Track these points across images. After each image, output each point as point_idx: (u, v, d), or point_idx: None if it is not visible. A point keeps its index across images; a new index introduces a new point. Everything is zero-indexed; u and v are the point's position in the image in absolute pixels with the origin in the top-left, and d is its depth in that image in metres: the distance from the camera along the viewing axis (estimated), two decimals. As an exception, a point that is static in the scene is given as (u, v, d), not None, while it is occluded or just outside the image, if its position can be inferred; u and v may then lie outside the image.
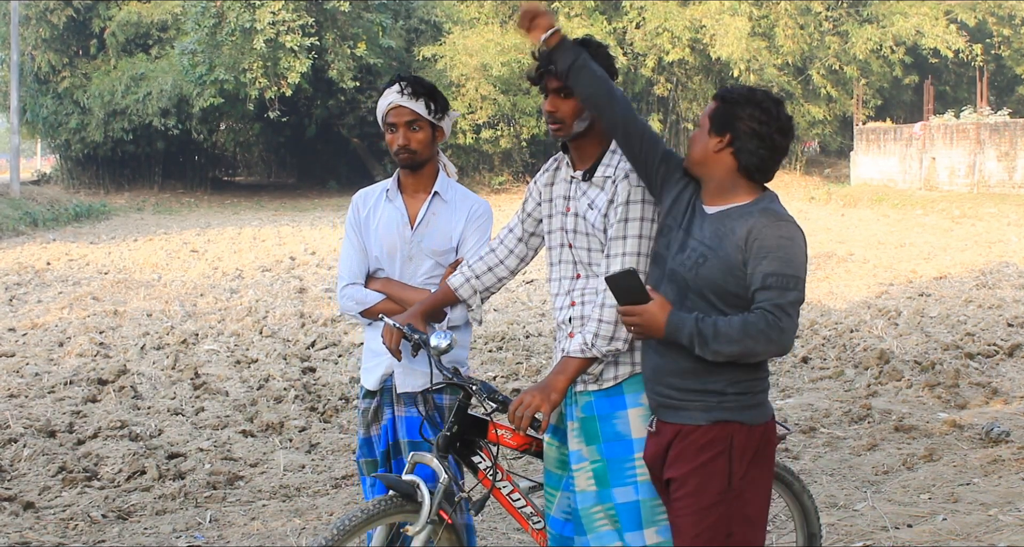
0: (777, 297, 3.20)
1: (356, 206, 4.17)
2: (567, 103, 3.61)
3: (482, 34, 35.89)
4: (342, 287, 4.10)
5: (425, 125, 4.00)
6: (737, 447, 3.31)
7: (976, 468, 6.37)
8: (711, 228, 3.31)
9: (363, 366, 4.18)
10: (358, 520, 3.51)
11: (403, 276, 4.08)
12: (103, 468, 6.61)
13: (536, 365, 9.39)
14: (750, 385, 3.33)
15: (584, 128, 3.64)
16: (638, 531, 3.51)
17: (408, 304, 3.99)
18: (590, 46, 3.62)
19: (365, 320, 4.11)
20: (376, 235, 4.09)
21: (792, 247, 3.23)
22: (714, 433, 3.31)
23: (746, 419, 3.33)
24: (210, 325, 11.70)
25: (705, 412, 3.32)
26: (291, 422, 7.67)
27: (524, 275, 15.55)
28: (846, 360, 9.53)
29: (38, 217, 26.20)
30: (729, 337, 3.20)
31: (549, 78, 3.60)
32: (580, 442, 3.60)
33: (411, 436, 3.99)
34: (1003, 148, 27.76)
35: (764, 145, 3.29)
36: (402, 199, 4.11)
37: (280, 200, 36.06)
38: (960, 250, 18.15)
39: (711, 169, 3.36)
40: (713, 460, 3.31)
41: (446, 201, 4.10)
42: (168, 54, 35.30)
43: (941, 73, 39.77)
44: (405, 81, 4.01)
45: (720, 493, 3.31)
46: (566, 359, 3.57)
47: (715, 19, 34.70)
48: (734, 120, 3.29)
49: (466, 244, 4.07)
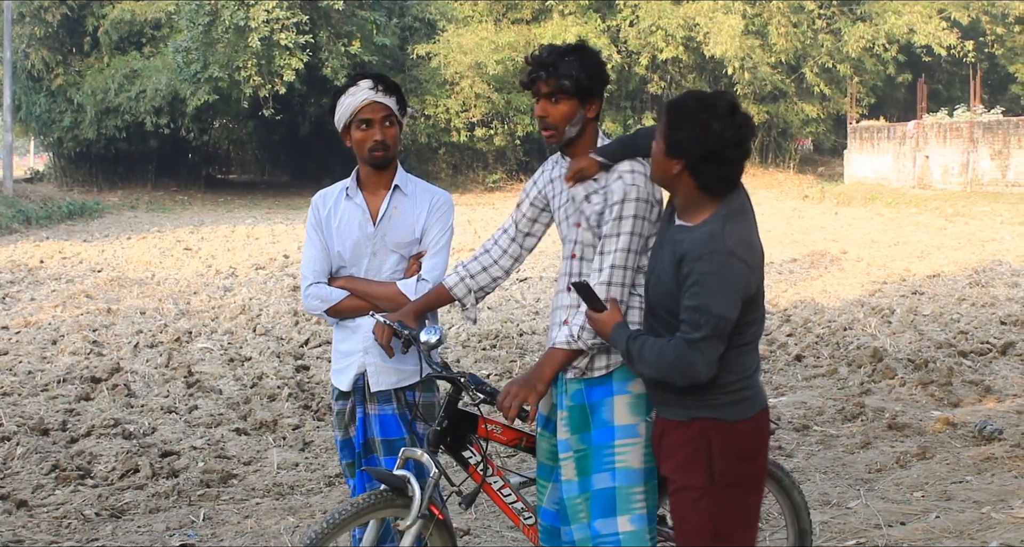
0: (689, 332, 3.24)
1: (316, 207, 4.18)
2: (558, 108, 3.61)
3: (476, 32, 35.88)
4: (306, 287, 4.10)
5: (396, 121, 4.04)
6: (716, 443, 3.34)
7: (969, 466, 6.39)
8: (669, 248, 3.36)
9: (334, 367, 4.18)
10: (348, 514, 3.52)
11: (368, 272, 4.09)
12: (96, 466, 6.60)
13: (530, 363, 9.38)
14: (726, 385, 3.35)
15: (576, 133, 3.65)
16: (611, 518, 3.53)
17: (373, 298, 4.02)
18: (584, 52, 3.63)
19: (332, 319, 4.12)
20: (339, 233, 4.10)
21: (712, 283, 3.22)
22: (693, 429, 3.36)
23: (725, 416, 3.35)
24: (203, 323, 11.69)
25: (684, 409, 3.37)
26: (285, 420, 7.66)
27: (518, 273, 15.56)
28: (839, 358, 9.54)
29: (31, 215, 26.14)
30: (648, 361, 3.32)
31: (540, 82, 3.60)
32: (568, 431, 3.63)
33: (384, 434, 4.02)
34: (996, 147, 27.81)
35: (719, 163, 3.27)
36: (363, 196, 4.12)
37: (274, 198, 36.02)
38: (953, 248, 18.18)
39: (675, 189, 3.39)
40: (694, 455, 3.35)
41: (406, 194, 4.11)
42: (162, 52, 35.23)
43: (934, 71, 39.83)
44: (375, 78, 4.02)
45: (702, 488, 3.35)
46: (552, 350, 3.60)
47: (709, 17, 34.72)
48: (684, 145, 3.25)
49: (428, 235, 4.09)
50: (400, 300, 3.98)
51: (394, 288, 4.02)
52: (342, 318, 4.11)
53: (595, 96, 3.64)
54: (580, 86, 3.58)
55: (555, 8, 36.77)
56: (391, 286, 4.03)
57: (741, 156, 3.31)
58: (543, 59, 3.61)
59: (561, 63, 3.58)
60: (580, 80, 3.57)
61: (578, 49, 3.64)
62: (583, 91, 3.59)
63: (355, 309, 4.05)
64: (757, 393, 3.44)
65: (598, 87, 3.64)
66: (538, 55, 3.64)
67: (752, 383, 3.42)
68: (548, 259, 17.21)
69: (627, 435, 3.55)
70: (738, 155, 3.29)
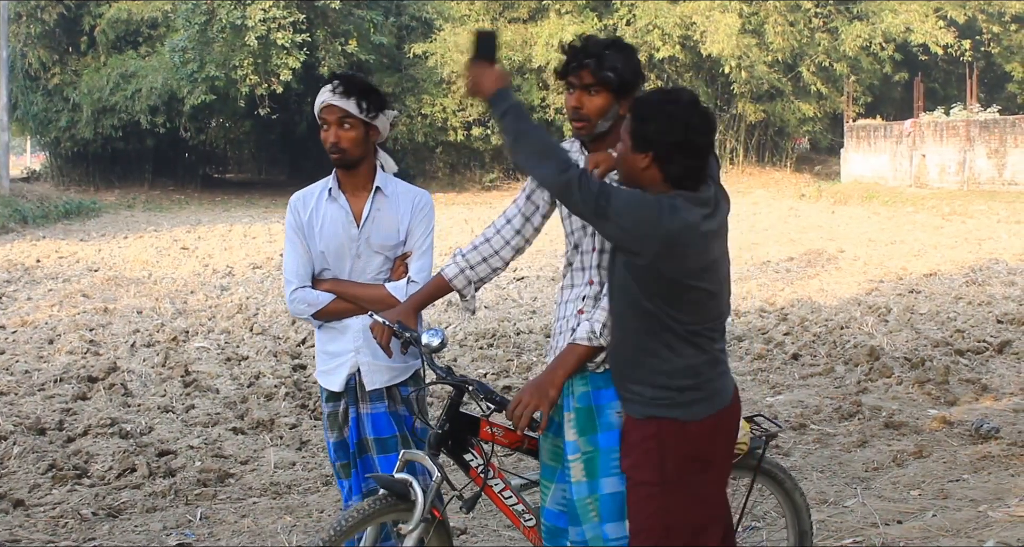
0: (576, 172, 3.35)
1: (296, 209, 4.13)
2: (594, 100, 3.56)
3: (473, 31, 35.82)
4: (291, 291, 4.08)
5: (356, 123, 4.00)
6: (668, 442, 3.35)
7: (966, 464, 6.40)
8: None
9: (320, 369, 4.15)
10: (354, 520, 3.51)
11: (352, 274, 4.08)
12: (93, 466, 6.59)
13: (527, 362, 9.39)
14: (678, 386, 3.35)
15: (608, 127, 3.61)
16: (620, 522, 3.51)
17: (361, 301, 4.01)
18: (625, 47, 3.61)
19: (316, 322, 4.11)
20: (321, 236, 4.08)
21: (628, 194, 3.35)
22: (648, 428, 3.37)
23: (678, 416, 3.35)
24: (200, 322, 11.68)
25: (641, 406, 3.39)
26: (281, 419, 7.66)
27: (514, 272, 15.56)
28: (836, 357, 9.55)
29: (28, 214, 26.09)
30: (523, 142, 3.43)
31: (583, 71, 3.56)
32: (575, 433, 3.59)
33: (376, 433, 4.02)
34: (993, 145, 27.83)
35: (686, 154, 3.29)
36: (345, 198, 4.10)
37: (271, 197, 35.97)
38: (950, 247, 18.19)
39: (643, 185, 3.37)
40: (647, 453, 3.37)
41: (387, 196, 4.10)
42: (159, 51, 35.21)
43: (931, 70, 39.85)
44: (338, 80, 4.02)
45: (654, 485, 3.36)
46: (570, 347, 3.53)
47: (705, 16, 34.73)
48: (652, 136, 3.27)
49: (413, 236, 4.08)
50: (389, 302, 3.96)
51: (383, 291, 4.01)
52: (328, 321, 4.09)
53: (630, 93, 3.59)
54: (623, 80, 3.55)
55: (552, 7, 36.76)
56: (379, 289, 4.02)
57: (707, 146, 3.33)
58: (589, 49, 3.56)
59: (606, 55, 3.54)
60: (624, 74, 3.55)
61: (619, 44, 3.61)
62: (624, 86, 3.56)
63: (342, 312, 4.04)
64: (713, 394, 3.41)
65: (638, 84, 3.61)
66: (581, 45, 3.59)
67: (704, 384, 3.39)
68: (545, 258, 17.22)
69: None
70: (704, 144, 3.32)
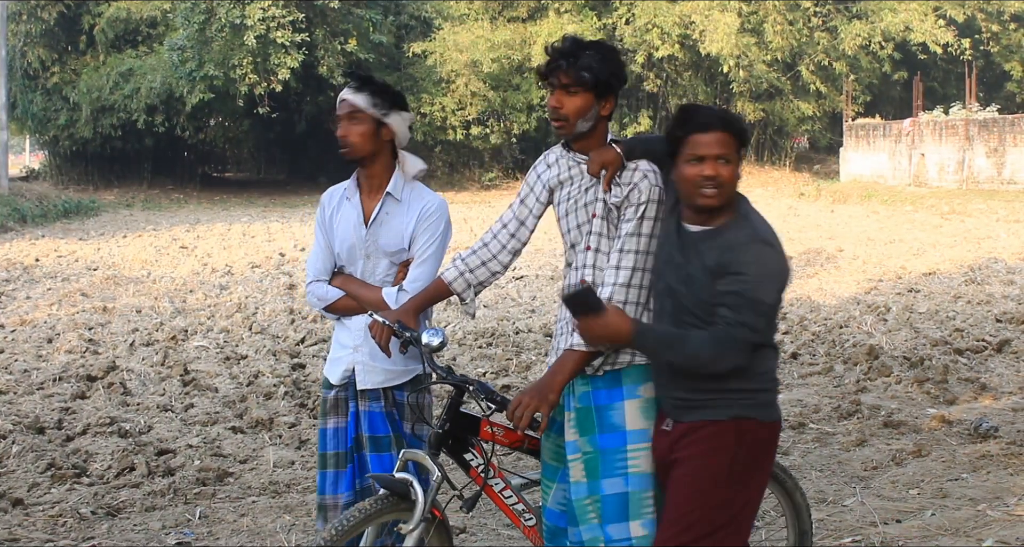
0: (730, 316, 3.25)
1: (323, 204, 4.23)
2: (572, 100, 3.59)
3: (472, 30, 35.86)
4: (308, 284, 4.20)
5: (365, 118, 4.02)
6: (748, 439, 3.35)
7: (965, 463, 6.40)
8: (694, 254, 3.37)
9: (330, 357, 4.23)
10: (355, 520, 3.51)
11: (363, 274, 4.13)
12: (92, 465, 6.59)
13: (526, 361, 9.39)
14: (766, 383, 3.39)
15: (588, 128, 3.64)
16: (623, 523, 3.51)
17: (363, 301, 4.05)
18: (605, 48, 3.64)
19: (332, 315, 4.18)
20: (338, 233, 4.15)
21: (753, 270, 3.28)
22: (731, 426, 3.35)
23: (761, 415, 3.38)
24: (199, 321, 11.68)
25: (726, 408, 3.35)
26: (280, 418, 7.66)
27: (514, 272, 15.56)
28: (835, 356, 9.55)
29: (27, 213, 26.09)
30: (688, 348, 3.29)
31: (559, 72, 3.59)
32: (576, 433, 3.60)
33: (371, 431, 4.05)
34: (992, 144, 27.83)
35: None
36: (359, 198, 4.14)
37: (270, 196, 35.99)
38: (949, 246, 18.19)
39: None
40: (723, 447, 3.34)
41: (399, 200, 4.10)
42: (158, 51, 35.20)
43: (930, 69, 39.85)
44: (354, 77, 4.08)
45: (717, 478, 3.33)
46: (567, 353, 3.54)
47: (704, 15, 34.74)
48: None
49: (416, 243, 4.07)
50: (383, 307, 3.99)
51: (379, 294, 4.04)
52: (338, 316, 4.17)
53: (611, 93, 3.64)
54: (599, 80, 3.58)
55: (551, 6, 36.76)
56: (377, 292, 4.05)
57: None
58: (565, 50, 3.60)
59: (583, 55, 3.58)
60: (599, 74, 3.57)
61: (600, 45, 3.64)
62: (600, 86, 3.59)
63: (349, 308, 4.12)
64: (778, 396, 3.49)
65: (616, 84, 3.64)
66: (560, 46, 3.63)
67: (777, 386, 3.47)
68: (544, 257, 17.22)
69: (640, 440, 3.52)
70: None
